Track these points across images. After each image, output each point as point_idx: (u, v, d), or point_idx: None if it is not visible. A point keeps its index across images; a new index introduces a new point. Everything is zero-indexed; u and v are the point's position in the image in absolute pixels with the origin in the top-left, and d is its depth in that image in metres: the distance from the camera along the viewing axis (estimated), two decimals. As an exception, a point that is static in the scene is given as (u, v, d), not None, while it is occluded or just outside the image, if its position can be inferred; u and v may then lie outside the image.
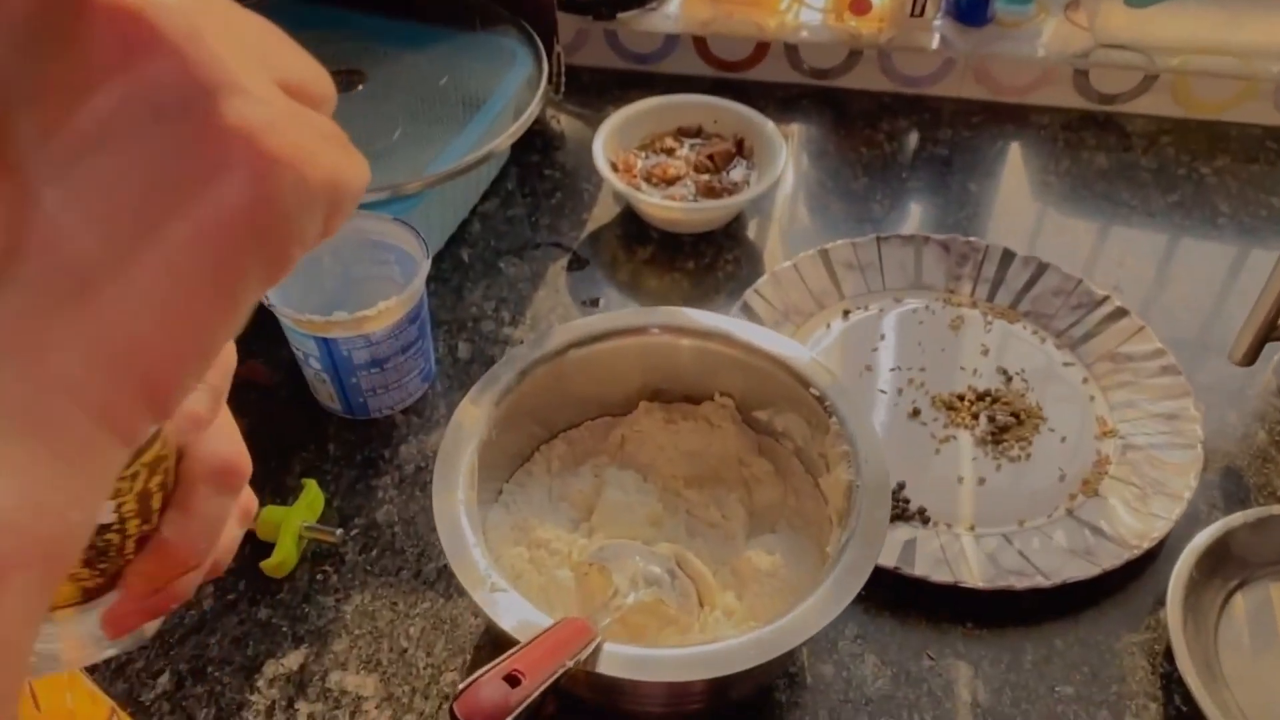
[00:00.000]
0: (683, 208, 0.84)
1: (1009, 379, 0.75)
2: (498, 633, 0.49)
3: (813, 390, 0.58)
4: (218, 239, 0.20)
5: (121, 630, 0.29)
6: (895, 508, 0.64)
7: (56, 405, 0.19)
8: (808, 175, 0.95)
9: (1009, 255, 0.81)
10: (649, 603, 0.54)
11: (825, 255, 0.82)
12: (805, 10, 1.03)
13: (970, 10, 1.00)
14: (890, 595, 0.62)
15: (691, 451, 0.63)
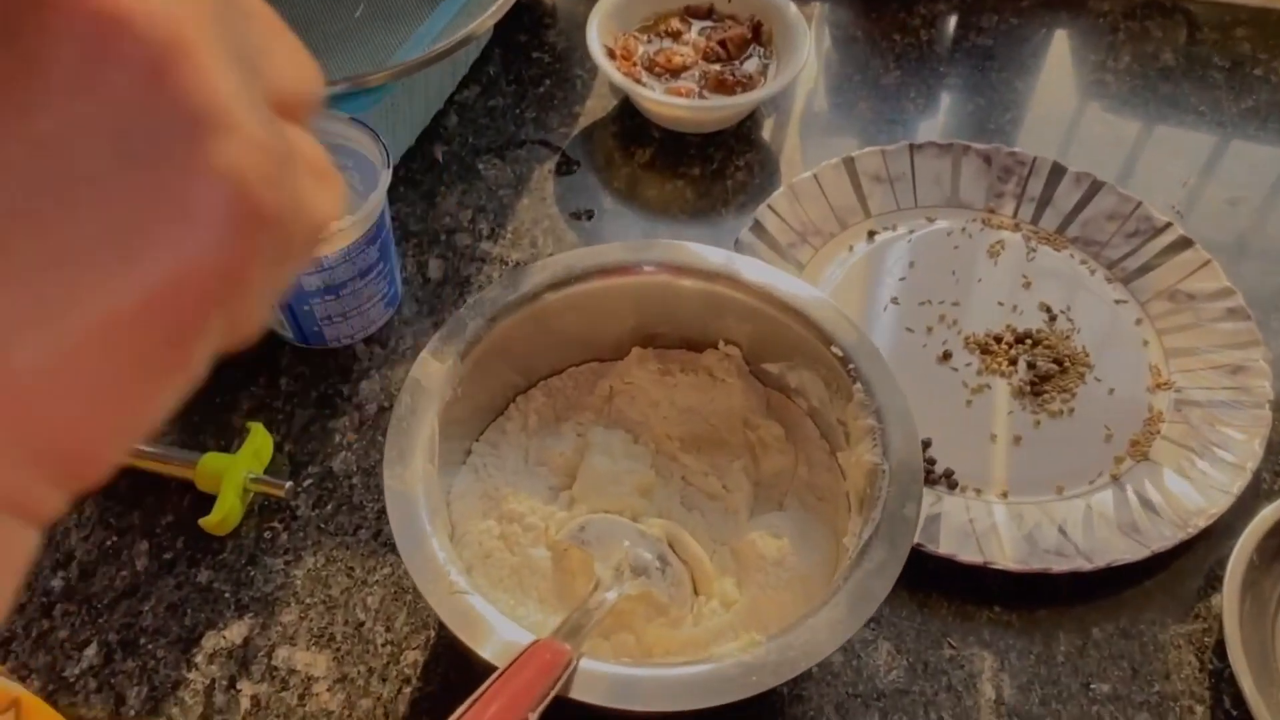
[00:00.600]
0: (689, 105, 0.73)
1: (1053, 318, 0.66)
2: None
3: (834, 349, 0.49)
4: (176, 305, 0.17)
5: None
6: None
7: None
8: (832, 67, 0.83)
9: (1058, 170, 0.71)
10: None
11: (851, 165, 0.72)
12: None
13: None
14: (909, 573, 0.53)
15: (690, 408, 0.55)
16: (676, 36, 0.79)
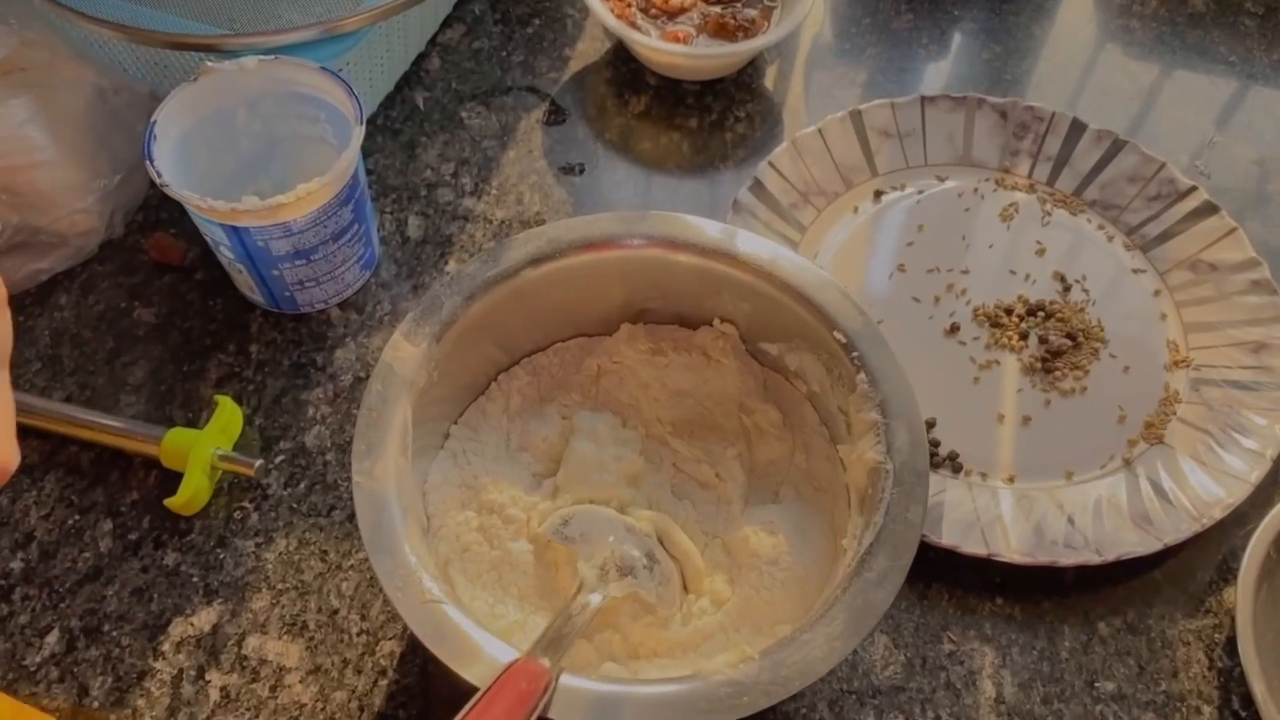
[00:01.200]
0: (686, 52, 0.68)
1: (1066, 288, 0.62)
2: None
3: (838, 335, 0.46)
4: None
5: None
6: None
7: None
8: (840, 10, 0.78)
9: (1078, 127, 0.67)
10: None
11: (858, 118, 0.67)
12: None
13: None
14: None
15: (682, 390, 0.51)
16: (675, -26, 0.73)
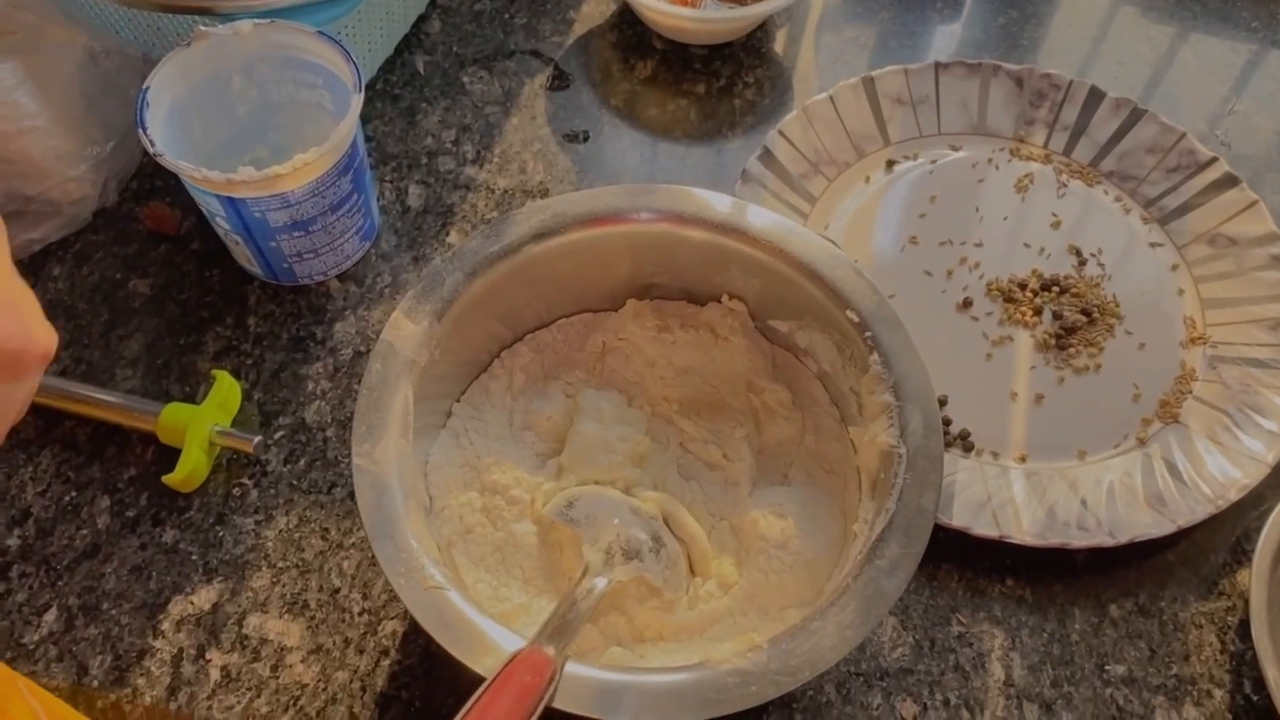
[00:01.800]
0: (694, 16, 0.66)
1: (1082, 262, 0.61)
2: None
3: (850, 314, 0.45)
4: None
5: None
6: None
7: None
8: (852, -32, 0.76)
9: (1096, 95, 0.65)
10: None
11: (870, 85, 0.65)
12: None
13: None
14: (919, 543, 0.51)
15: (689, 368, 0.50)
16: (682, -67, 0.71)
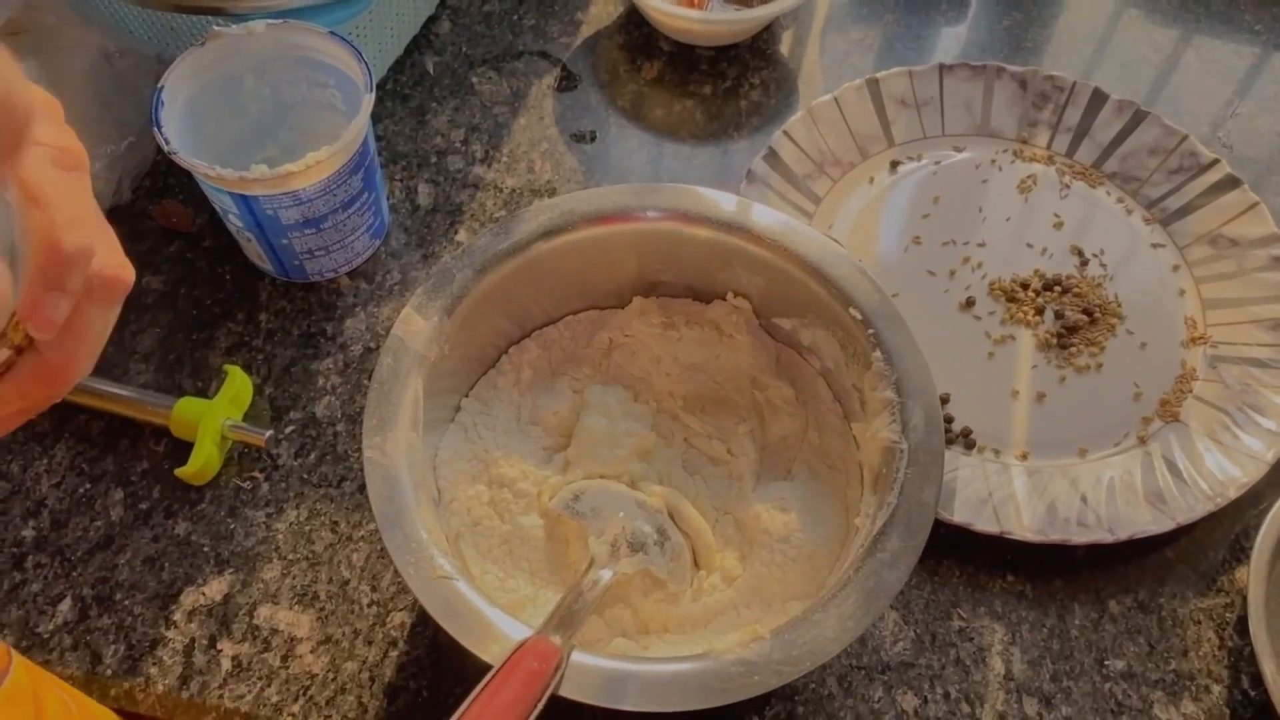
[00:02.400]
0: (701, 17, 0.67)
1: (1084, 262, 0.61)
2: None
3: (853, 311, 0.45)
4: None
5: None
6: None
7: None
8: (858, -29, 0.77)
9: (1099, 97, 0.66)
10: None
11: (875, 87, 0.66)
12: None
13: None
14: (920, 539, 0.52)
15: (694, 365, 0.51)
16: (689, -64, 0.72)
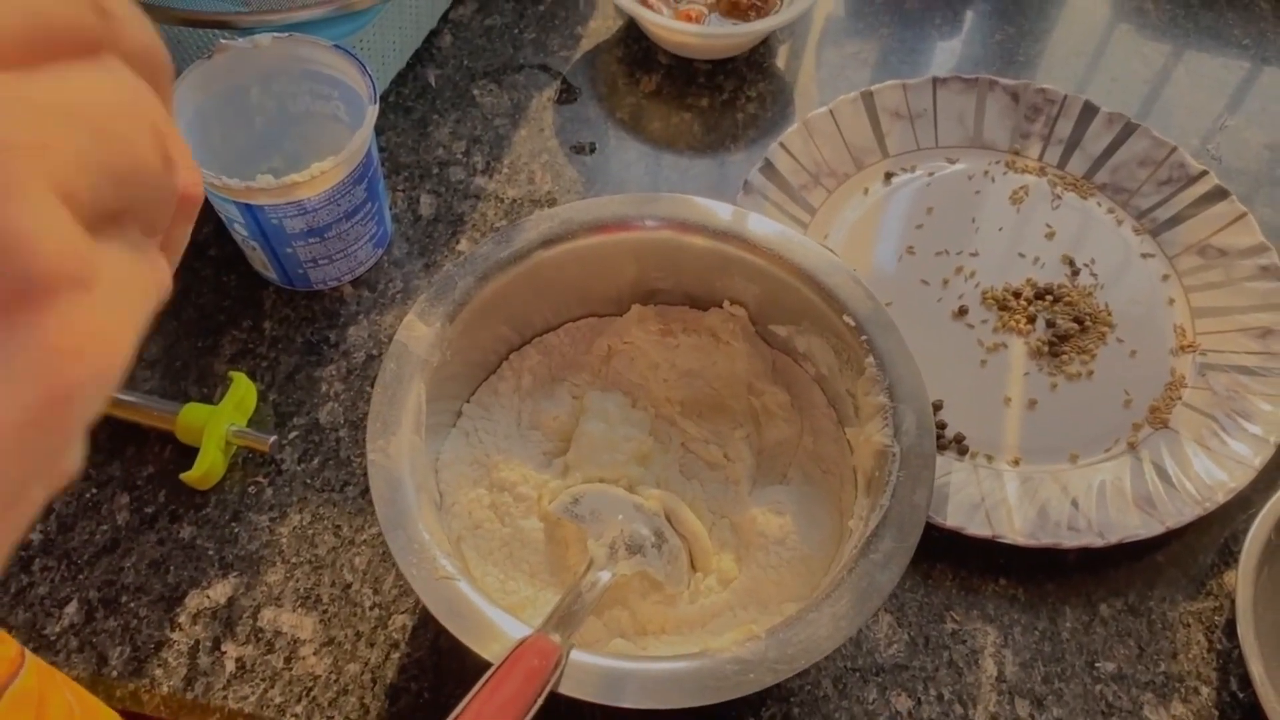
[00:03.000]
0: (698, 31, 0.68)
1: (1075, 272, 0.62)
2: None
3: (847, 319, 0.46)
4: None
5: None
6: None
7: None
8: (853, -14, 0.78)
9: (1090, 110, 0.67)
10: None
11: (869, 100, 0.67)
12: None
13: None
14: (914, 543, 0.53)
15: (691, 371, 0.52)
16: (687, -49, 0.73)
